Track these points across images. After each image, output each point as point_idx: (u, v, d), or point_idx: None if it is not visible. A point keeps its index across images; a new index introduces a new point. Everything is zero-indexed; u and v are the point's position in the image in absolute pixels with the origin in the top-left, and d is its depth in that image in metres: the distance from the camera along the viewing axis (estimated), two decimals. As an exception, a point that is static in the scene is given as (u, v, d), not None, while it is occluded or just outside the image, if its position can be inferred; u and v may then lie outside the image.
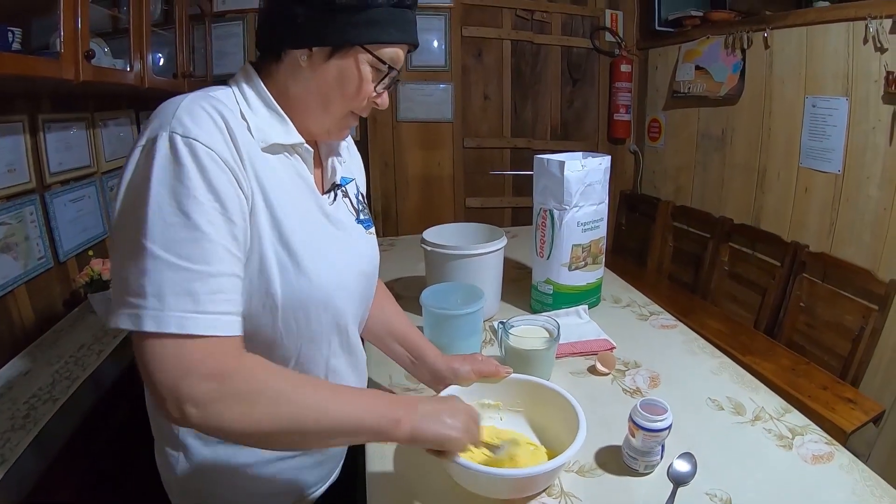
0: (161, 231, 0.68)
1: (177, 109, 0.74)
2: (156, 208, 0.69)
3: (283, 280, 0.83)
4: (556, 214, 1.60)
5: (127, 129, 2.58)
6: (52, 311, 1.96)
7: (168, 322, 0.67)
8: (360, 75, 0.86)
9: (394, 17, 0.85)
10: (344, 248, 0.96)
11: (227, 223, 0.73)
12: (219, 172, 0.73)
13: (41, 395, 1.46)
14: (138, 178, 0.71)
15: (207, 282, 0.70)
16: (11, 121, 1.77)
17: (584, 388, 1.29)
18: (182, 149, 0.71)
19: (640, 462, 1.00)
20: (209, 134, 0.74)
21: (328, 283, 0.89)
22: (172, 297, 0.68)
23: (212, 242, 0.71)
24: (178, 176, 0.70)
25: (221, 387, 0.69)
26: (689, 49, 3.36)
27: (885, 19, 2.26)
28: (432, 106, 3.62)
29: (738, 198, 3.19)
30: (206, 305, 0.70)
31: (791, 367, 2.38)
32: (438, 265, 1.62)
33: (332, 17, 0.82)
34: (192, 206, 0.70)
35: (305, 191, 0.91)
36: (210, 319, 0.70)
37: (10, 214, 1.74)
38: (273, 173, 0.84)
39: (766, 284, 2.85)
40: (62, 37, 1.51)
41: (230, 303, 0.73)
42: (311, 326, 0.90)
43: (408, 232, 3.47)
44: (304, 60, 0.85)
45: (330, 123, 0.92)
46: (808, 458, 1.04)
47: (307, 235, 0.87)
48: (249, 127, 0.82)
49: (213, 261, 0.71)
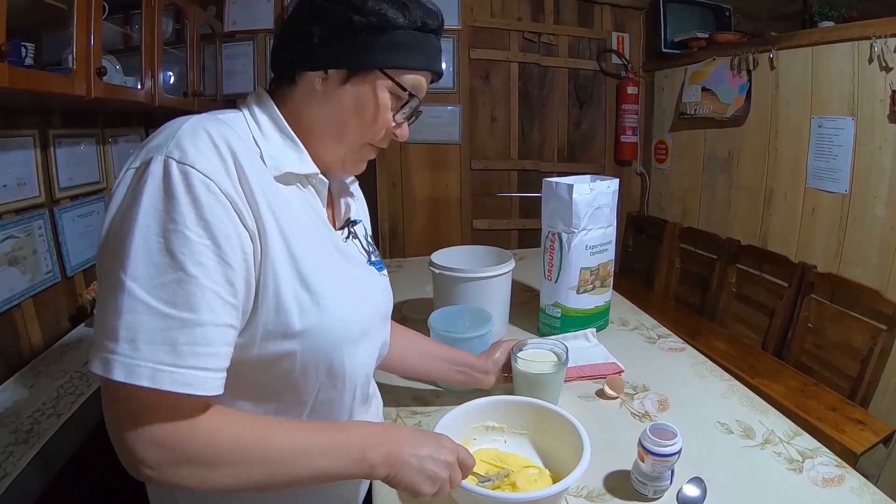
0: (144, 268, 0.61)
1: (177, 131, 0.68)
2: (141, 241, 0.62)
3: (303, 320, 0.75)
4: (565, 237, 1.59)
5: (137, 146, 2.59)
6: (58, 325, 1.96)
7: (139, 374, 0.60)
8: (378, 102, 0.81)
9: (417, 41, 0.80)
10: (362, 289, 0.89)
11: (220, 265, 0.65)
12: (215, 206, 0.65)
13: (45, 410, 1.45)
14: (126, 205, 0.65)
15: (191, 331, 0.63)
16: (22, 135, 1.79)
17: (592, 412, 1.28)
18: (176, 176, 0.64)
19: (649, 487, 0.99)
20: (209, 161, 0.66)
21: (351, 323, 0.82)
22: (147, 346, 0.61)
23: (200, 287, 0.63)
24: (167, 208, 0.63)
25: (174, 456, 0.64)
26: (695, 71, 3.38)
27: (889, 38, 2.27)
28: (440, 128, 3.64)
29: (745, 219, 3.18)
30: (186, 359, 0.62)
31: (800, 389, 2.35)
32: (447, 288, 1.61)
33: (350, 38, 0.77)
34: (180, 243, 0.63)
35: (320, 225, 0.84)
36: (189, 375, 0.62)
37: (19, 228, 1.75)
38: (287, 205, 0.77)
39: (773, 305, 2.83)
40: (74, 53, 1.54)
41: (214, 357, 0.65)
42: (332, 370, 0.82)
43: (414, 253, 3.48)
44: (319, 84, 0.80)
45: (345, 154, 0.86)
46: (818, 482, 1.02)
47: (326, 273, 0.79)
48: (262, 154, 0.76)
49: (201, 308, 0.64)
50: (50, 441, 1.33)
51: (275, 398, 0.79)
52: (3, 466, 1.22)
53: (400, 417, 1.27)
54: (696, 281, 3.45)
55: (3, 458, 1.25)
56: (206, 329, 0.64)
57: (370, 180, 3.56)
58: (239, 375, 0.72)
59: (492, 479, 0.94)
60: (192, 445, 0.65)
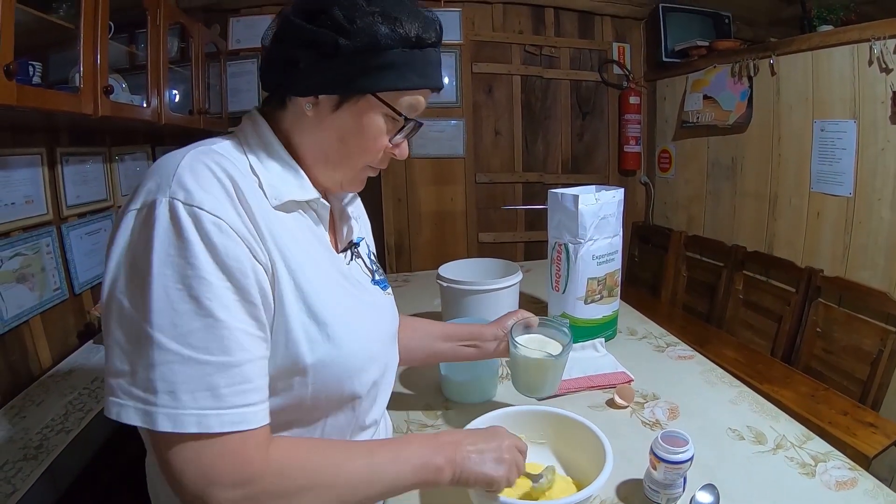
0: (170, 320, 0.61)
1: (177, 168, 0.65)
2: (161, 293, 0.61)
3: (312, 351, 0.74)
4: (572, 248, 1.60)
5: (143, 164, 2.62)
6: (66, 342, 1.97)
7: (185, 422, 0.60)
8: (373, 127, 0.77)
9: (412, 59, 0.74)
10: (368, 313, 0.87)
11: (243, 304, 0.66)
12: (230, 246, 0.64)
13: (54, 426, 1.45)
14: (136, 252, 0.63)
15: (229, 373, 0.63)
16: (30, 153, 1.81)
17: (602, 422, 1.26)
18: (185, 220, 0.62)
19: (662, 495, 0.98)
20: (216, 199, 0.65)
21: (359, 351, 0.81)
22: (188, 395, 0.61)
23: (229, 329, 0.63)
24: (182, 254, 0.62)
25: (251, 491, 0.64)
26: (697, 79, 3.39)
27: (889, 40, 2.28)
28: (444, 142, 3.66)
29: (751, 225, 3.18)
30: (229, 399, 0.63)
31: (810, 394, 2.34)
32: (454, 301, 1.61)
33: (338, 63, 0.72)
34: (202, 289, 0.62)
35: (322, 251, 0.82)
36: (234, 414, 0.63)
37: (27, 245, 1.76)
38: (290, 234, 0.75)
39: (781, 311, 2.82)
40: (81, 72, 1.55)
41: (257, 391, 0.66)
42: (343, 396, 0.81)
43: (421, 267, 3.49)
44: (309, 109, 0.76)
45: (342, 177, 0.83)
46: (831, 485, 1.02)
47: (333, 301, 0.78)
48: (261, 183, 0.74)
49: (234, 349, 0.64)
50: (59, 457, 1.33)
51: (284, 426, 0.78)
52: (12, 482, 1.22)
53: (410, 430, 1.26)
54: (703, 289, 3.44)
55: (12, 473, 1.25)
56: (243, 368, 0.64)
57: (375, 195, 3.58)
58: None
59: (543, 475, 0.94)
60: (267, 479, 0.65)
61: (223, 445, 0.63)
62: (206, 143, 0.75)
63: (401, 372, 1.52)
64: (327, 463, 0.70)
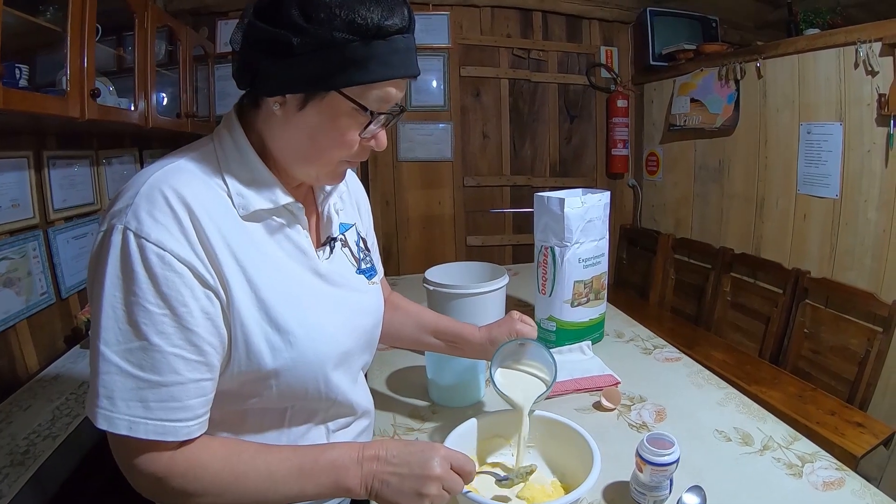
0: (114, 336, 0.68)
1: (136, 196, 0.69)
2: (109, 311, 0.68)
3: (276, 359, 0.78)
4: (558, 251, 1.60)
5: (131, 168, 2.60)
6: (53, 346, 1.95)
7: (118, 424, 0.68)
8: (341, 124, 0.76)
9: (373, 51, 0.71)
10: (340, 309, 0.89)
11: (180, 331, 0.70)
12: (171, 277, 0.69)
13: (41, 432, 1.45)
14: (94, 271, 0.70)
15: (158, 391, 0.69)
16: (17, 156, 1.80)
17: (589, 424, 1.26)
18: (133, 250, 0.67)
19: (648, 497, 0.98)
20: (164, 230, 0.69)
21: (323, 354, 0.84)
22: (123, 402, 0.68)
23: (162, 353, 0.69)
24: (127, 280, 0.68)
25: (161, 487, 0.73)
26: (684, 82, 3.41)
27: (874, 43, 2.30)
28: (432, 145, 3.66)
29: (738, 227, 3.20)
30: (157, 413, 0.69)
31: (798, 395, 2.36)
32: (441, 304, 1.61)
33: (296, 62, 0.71)
34: (140, 315, 0.68)
35: (296, 255, 0.84)
36: (159, 426, 0.69)
37: (14, 249, 1.75)
38: (254, 247, 0.77)
39: (769, 312, 2.84)
40: (68, 75, 1.54)
41: (184, 410, 0.71)
42: (308, 395, 0.85)
43: (409, 271, 3.48)
44: (277, 109, 0.75)
45: (318, 172, 0.82)
46: (819, 486, 1.03)
47: (297, 308, 0.81)
48: (230, 192, 0.77)
49: (164, 371, 0.69)
50: (46, 463, 1.32)
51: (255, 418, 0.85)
52: (-2, 489, 1.21)
53: (397, 434, 1.26)
54: (691, 291, 3.45)
55: (-1, 480, 1.24)
56: (171, 388, 0.70)
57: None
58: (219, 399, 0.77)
59: (511, 477, 0.93)
60: (172, 477, 0.72)
61: (148, 445, 0.71)
62: (179, 154, 0.78)
63: (387, 375, 1.52)
64: (225, 471, 0.75)
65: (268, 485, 0.76)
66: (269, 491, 0.76)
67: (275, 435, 0.87)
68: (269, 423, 0.86)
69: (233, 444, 0.79)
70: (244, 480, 0.75)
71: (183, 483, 0.73)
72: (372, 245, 1.08)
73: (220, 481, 0.74)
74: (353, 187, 1.07)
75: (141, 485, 0.73)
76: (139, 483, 0.73)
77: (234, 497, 0.75)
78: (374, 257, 1.06)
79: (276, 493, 0.76)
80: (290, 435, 0.88)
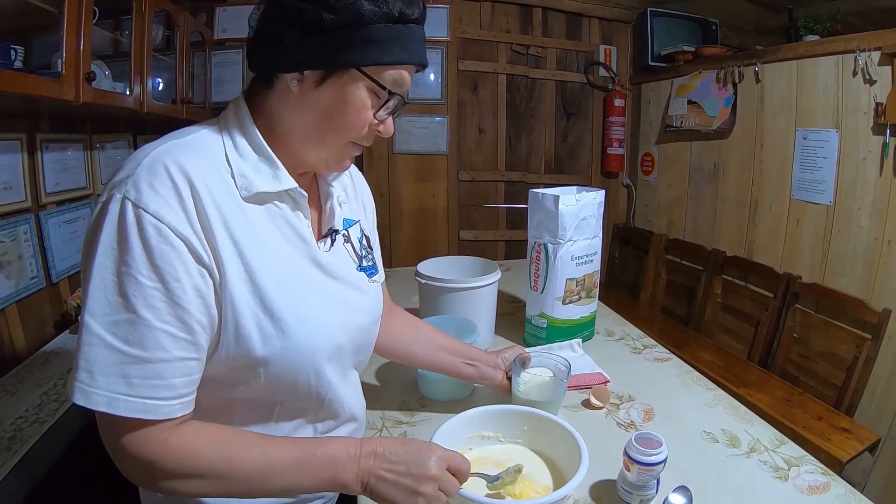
0: (101, 308, 0.66)
1: (138, 166, 0.68)
2: (98, 282, 0.66)
3: (266, 346, 0.77)
4: (551, 248, 1.60)
5: (124, 153, 2.59)
6: (42, 331, 1.94)
7: (96, 400, 0.66)
8: (358, 101, 0.77)
9: (395, 34, 0.75)
10: (336, 303, 0.88)
11: (171, 306, 0.68)
12: (166, 250, 0.67)
13: (28, 417, 1.43)
14: (89, 239, 0.68)
15: (142, 367, 0.67)
16: (9, 138, 1.78)
17: (578, 422, 1.26)
18: (130, 220, 0.66)
19: (635, 496, 0.99)
20: (163, 202, 0.67)
21: (315, 346, 0.82)
22: (103, 377, 0.66)
23: (150, 328, 0.67)
24: (121, 250, 0.66)
25: (151, 472, 0.70)
26: (682, 84, 3.42)
27: (873, 51, 2.32)
28: (428, 139, 3.65)
29: (731, 230, 3.21)
30: (138, 389, 0.67)
31: (785, 398, 2.37)
32: (432, 298, 1.61)
33: (322, 38, 0.73)
34: (131, 287, 0.66)
35: (295, 242, 0.83)
36: (140, 403, 0.67)
37: (4, 233, 1.73)
38: (253, 230, 0.76)
39: (759, 316, 2.86)
40: (64, 57, 1.53)
41: (168, 388, 0.69)
42: (297, 388, 0.84)
43: (401, 263, 3.47)
44: (294, 86, 0.77)
45: (327, 154, 0.83)
46: (804, 490, 1.03)
47: (293, 296, 0.80)
48: (233, 173, 0.76)
49: (151, 347, 0.67)
50: (33, 448, 1.31)
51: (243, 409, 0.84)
52: (-16, 474, 1.20)
53: (385, 427, 1.26)
54: (682, 292, 3.47)
55: (-16, 465, 1.23)
56: (156, 365, 0.68)
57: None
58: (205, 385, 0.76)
59: (501, 476, 0.93)
60: (164, 461, 0.70)
61: (128, 427, 0.68)
62: (185, 132, 0.77)
63: (376, 368, 1.51)
64: (221, 458, 0.73)
65: (264, 475, 0.74)
66: (264, 482, 0.74)
67: (261, 430, 0.85)
68: (257, 417, 0.85)
69: (229, 431, 0.78)
70: (239, 469, 0.73)
71: (176, 468, 0.70)
72: (375, 245, 1.07)
73: (215, 469, 0.72)
74: (360, 186, 1.08)
75: (130, 469, 0.71)
76: (128, 467, 0.70)
77: (228, 486, 0.74)
78: (377, 257, 1.06)
79: (271, 484, 0.75)
80: (278, 431, 0.87)
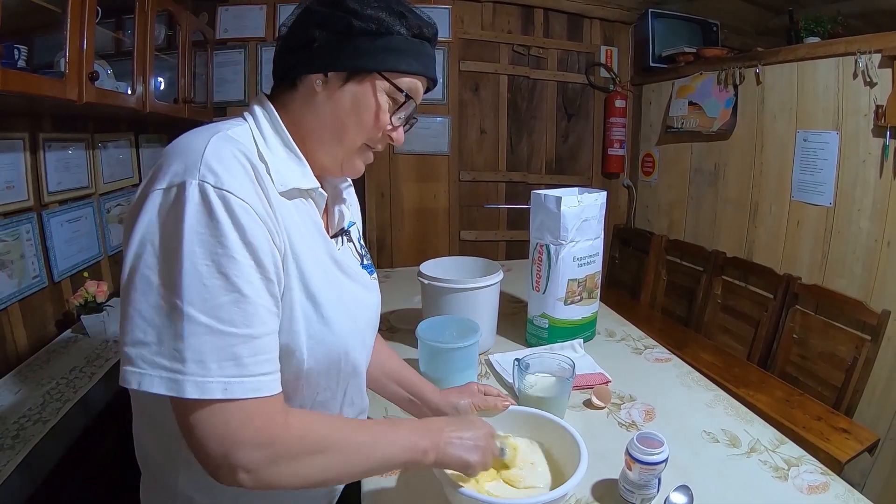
0: (199, 293, 0.65)
1: (203, 153, 0.69)
2: (191, 268, 0.65)
3: (308, 332, 0.80)
4: (553, 249, 1.61)
5: (126, 152, 2.59)
6: (44, 330, 1.94)
7: (212, 389, 0.65)
8: (377, 103, 0.83)
9: (414, 47, 0.83)
10: (356, 296, 0.93)
11: (264, 282, 0.71)
12: (255, 227, 0.69)
13: (31, 416, 1.44)
14: (165, 229, 0.66)
15: (251, 344, 0.68)
16: (12, 138, 1.78)
17: (579, 422, 1.29)
18: (216, 202, 0.66)
19: (636, 495, 1.00)
20: (242, 184, 0.69)
21: (347, 333, 0.87)
22: (215, 364, 0.65)
23: (254, 305, 0.69)
24: (213, 233, 0.66)
25: (272, 452, 0.69)
26: (683, 85, 3.42)
27: (874, 54, 2.32)
28: (429, 139, 3.66)
29: (731, 231, 3.22)
30: (250, 368, 0.68)
31: (785, 399, 2.38)
32: (435, 298, 1.62)
33: (350, 42, 0.80)
34: (231, 267, 0.67)
35: (318, 237, 0.87)
36: (255, 382, 0.68)
37: (7, 232, 1.74)
38: (292, 220, 0.80)
39: (759, 317, 2.86)
40: (67, 57, 1.53)
41: (272, 362, 0.71)
42: (330, 376, 0.88)
43: (402, 263, 3.48)
44: (319, 86, 0.82)
45: (343, 155, 0.88)
46: (803, 489, 1.04)
47: (327, 284, 0.83)
48: (269, 169, 0.78)
49: (256, 323, 0.69)
50: (36, 447, 1.32)
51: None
52: (-13, 472, 1.21)
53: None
54: (683, 292, 3.47)
55: (-12, 463, 1.24)
56: (262, 340, 0.70)
57: (358, 190, 3.54)
58: None
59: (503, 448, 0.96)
60: (287, 442, 0.71)
61: (245, 411, 0.68)
62: (222, 127, 0.78)
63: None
64: (338, 433, 0.77)
65: (371, 445, 0.79)
66: (370, 453, 0.78)
67: None
68: None
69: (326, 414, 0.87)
70: (353, 440, 0.77)
71: (299, 447, 0.71)
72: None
73: (333, 442, 0.75)
74: (352, 194, 1.10)
75: (248, 459, 0.67)
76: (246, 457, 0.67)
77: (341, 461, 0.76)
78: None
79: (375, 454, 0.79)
80: None
